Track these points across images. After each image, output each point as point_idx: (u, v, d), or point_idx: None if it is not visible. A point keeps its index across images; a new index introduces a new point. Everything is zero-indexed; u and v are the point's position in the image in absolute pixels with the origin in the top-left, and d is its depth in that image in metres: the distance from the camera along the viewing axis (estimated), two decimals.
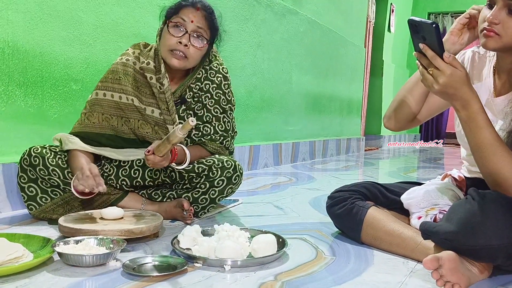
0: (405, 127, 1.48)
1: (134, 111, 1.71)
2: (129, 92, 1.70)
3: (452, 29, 1.33)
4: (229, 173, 1.70)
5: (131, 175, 1.71)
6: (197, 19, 1.63)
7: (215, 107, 1.77)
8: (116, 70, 1.72)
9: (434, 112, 1.49)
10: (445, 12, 8.44)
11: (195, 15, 1.63)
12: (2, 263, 1.10)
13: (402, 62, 8.11)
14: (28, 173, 1.62)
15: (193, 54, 1.65)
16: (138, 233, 1.38)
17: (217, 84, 1.78)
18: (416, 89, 1.41)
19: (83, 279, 1.11)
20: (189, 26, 1.63)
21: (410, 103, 1.43)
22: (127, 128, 1.72)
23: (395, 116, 1.47)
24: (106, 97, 1.70)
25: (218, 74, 1.78)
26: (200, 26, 1.63)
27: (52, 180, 1.62)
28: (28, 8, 1.84)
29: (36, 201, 1.63)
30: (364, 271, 1.25)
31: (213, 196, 1.72)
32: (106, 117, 1.70)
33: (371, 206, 1.46)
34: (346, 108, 5.36)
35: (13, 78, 1.81)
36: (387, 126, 1.50)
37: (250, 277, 1.17)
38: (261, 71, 3.51)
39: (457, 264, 1.11)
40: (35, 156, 1.60)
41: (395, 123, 1.48)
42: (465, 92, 1.14)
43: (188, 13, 1.63)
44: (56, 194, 1.64)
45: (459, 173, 1.52)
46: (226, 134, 1.79)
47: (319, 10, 4.43)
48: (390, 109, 1.49)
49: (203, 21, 1.64)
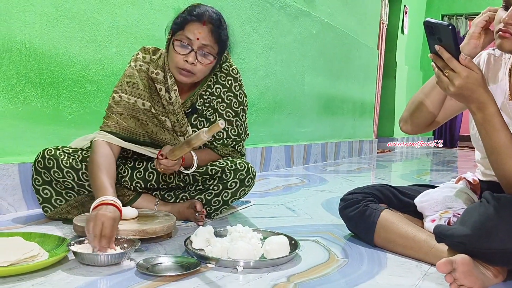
0: (422, 130, 1.47)
1: (151, 117, 1.68)
2: (145, 98, 1.66)
3: (472, 33, 1.32)
4: (242, 175, 1.70)
5: (146, 178, 1.72)
6: (203, 35, 1.55)
7: (227, 111, 1.74)
8: (133, 75, 1.67)
9: (450, 115, 1.48)
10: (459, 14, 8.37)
11: (201, 31, 1.54)
12: (18, 261, 1.11)
13: (415, 64, 8.06)
14: (43, 175, 1.63)
15: (200, 69, 1.59)
16: (152, 233, 1.39)
17: (228, 87, 1.74)
18: (434, 92, 1.40)
19: (98, 278, 1.12)
20: (195, 43, 1.55)
21: (428, 107, 1.41)
22: (143, 131, 1.70)
23: (412, 120, 1.45)
24: (123, 99, 1.66)
25: (229, 77, 1.75)
26: (206, 43, 1.56)
27: (67, 182, 1.63)
28: (45, 10, 1.87)
29: (51, 203, 1.64)
30: (377, 274, 1.25)
31: (226, 198, 1.73)
32: (124, 117, 1.66)
33: (384, 208, 1.46)
34: (358, 110, 5.34)
35: (29, 79, 1.84)
36: (404, 130, 1.49)
37: (263, 278, 1.18)
38: (274, 73, 3.51)
39: (471, 267, 1.11)
40: (49, 158, 1.61)
41: (412, 127, 1.46)
42: (481, 94, 1.13)
43: (193, 29, 1.55)
44: (70, 196, 1.65)
45: (474, 176, 1.51)
46: (238, 138, 1.78)
47: (332, 12, 4.42)
48: (406, 113, 1.47)
49: (209, 37, 1.56)
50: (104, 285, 1.09)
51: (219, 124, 1.26)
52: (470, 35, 1.32)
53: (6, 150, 1.79)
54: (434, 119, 1.44)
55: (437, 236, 1.25)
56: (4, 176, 1.74)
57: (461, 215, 1.26)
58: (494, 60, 1.41)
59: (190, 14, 1.57)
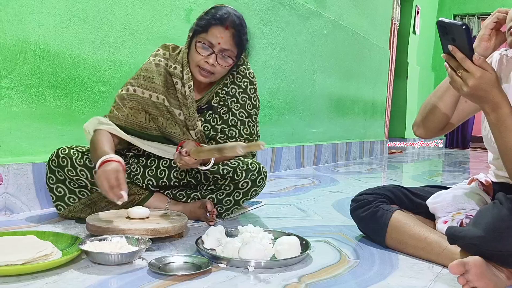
0: (437, 134, 1.45)
1: (164, 111, 1.70)
2: (160, 92, 1.68)
3: (482, 35, 1.31)
4: (254, 175, 1.71)
5: (157, 175, 1.73)
6: (224, 40, 1.60)
7: (240, 111, 1.77)
8: (150, 69, 1.70)
9: (464, 117, 1.46)
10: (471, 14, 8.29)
11: (223, 36, 1.59)
12: (32, 260, 1.13)
13: (427, 64, 8.00)
14: (56, 174, 1.65)
15: (219, 71, 1.65)
16: (164, 232, 1.40)
17: (243, 88, 1.78)
18: (447, 95, 1.38)
19: (110, 277, 1.13)
20: (216, 47, 1.60)
21: (441, 110, 1.40)
22: (154, 125, 1.72)
23: (426, 124, 1.44)
24: (136, 92, 1.69)
25: (245, 79, 1.79)
26: (227, 48, 1.61)
27: (80, 180, 1.65)
28: (59, 12, 1.89)
29: (65, 202, 1.67)
30: (389, 275, 1.24)
31: (237, 198, 1.73)
32: (135, 111, 1.70)
33: (396, 209, 1.45)
34: (369, 111, 5.32)
35: (43, 79, 1.86)
36: (418, 134, 1.48)
37: (274, 278, 1.18)
38: (285, 73, 3.51)
39: (484, 269, 1.10)
40: (63, 157, 1.63)
41: (426, 131, 1.45)
42: (495, 94, 1.12)
43: (216, 33, 1.59)
44: (83, 195, 1.67)
45: (486, 177, 1.49)
46: (250, 138, 1.79)
47: (343, 12, 4.41)
48: (419, 117, 1.45)
49: (230, 41, 1.61)
50: (116, 283, 1.10)
51: (260, 145, 1.25)
52: (480, 37, 1.31)
53: (20, 150, 1.81)
54: (447, 122, 1.43)
55: (449, 237, 1.24)
56: (18, 175, 1.77)
57: (474, 216, 1.25)
58: (506, 61, 1.39)
59: (213, 17, 1.61)
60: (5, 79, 1.74)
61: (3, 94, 1.74)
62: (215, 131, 1.75)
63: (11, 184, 1.75)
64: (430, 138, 1.47)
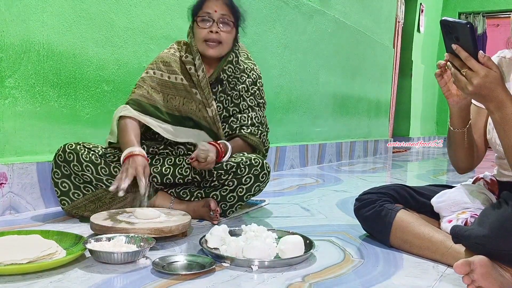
0: (478, 162, 1.43)
1: (181, 90, 1.81)
2: (178, 73, 1.82)
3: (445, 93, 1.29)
4: (257, 170, 1.72)
5: (162, 172, 1.74)
6: (219, 8, 1.78)
7: (250, 99, 1.91)
8: (167, 57, 1.85)
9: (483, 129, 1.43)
10: (476, 12, 8.26)
11: (217, 5, 1.77)
12: (36, 259, 1.13)
13: (431, 63, 7.97)
14: (62, 169, 1.67)
15: (225, 38, 1.79)
16: (167, 231, 1.40)
17: (253, 80, 1.93)
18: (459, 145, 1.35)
19: (114, 276, 1.14)
20: (214, 16, 1.77)
21: (463, 155, 1.38)
22: (172, 105, 1.81)
23: (461, 167, 1.43)
24: (156, 75, 1.82)
25: (253, 72, 1.95)
26: (224, 13, 1.78)
27: (85, 175, 1.66)
28: (62, 11, 1.89)
29: (69, 197, 1.68)
30: (393, 274, 1.24)
31: (241, 194, 1.74)
32: (154, 91, 1.81)
33: (400, 209, 1.44)
34: (374, 109, 5.31)
35: (47, 79, 1.86)
36: (462, 173, 1.47)
37: (278, 277, 1.18)
38: (288, 72, 3.51)
39: (489, 269, 1.09)
40: (69, 152, 1.66)
41: (464, 171, 1.44)
42: (499, 93, 1.11)
43: (211, 5, 1.77)
44: (88, 190, 1.69)
45: (491, 176, 1.48)
46: (261, 127, 1.90)
47: (347, 10, 4.39)
48: (452, 162, 1.45)
49: (225, 8, 1.79)
50: (121, 282, 1.10)
51: None
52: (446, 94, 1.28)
53: (24, 149, 1.82)
54: (476, 149, 1.40)
55: (454, 237, 1.24)
56: (23, 174, 1.77)
57: (479, 215, 1.25)
58: (505, 63, 1.39)
59: None
60: (9, 78, 1.74)
61: (8, 93, 1.74)
62: (228, 112, 1.86)
63: (15, 184, 1.75)
64: (473, 168, 1.45)
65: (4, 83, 1.73)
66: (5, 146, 1.75)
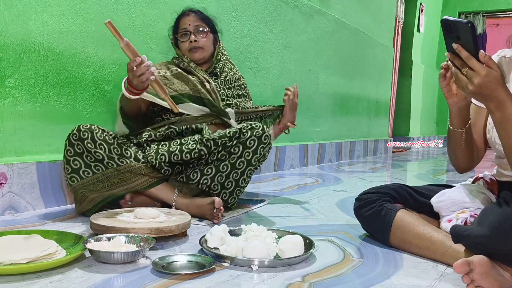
0: (478, 162, 1.44)
1: (178, 77, 2.03)
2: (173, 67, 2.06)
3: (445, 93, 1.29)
4: (258, 132, 1.81)
5: (169, 150, 1.78)
6: (192, 21, 2.08)
7: (244, 92, 2.26)
8: (158, 63, 2.09)
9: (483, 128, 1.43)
10: (476, 12, 8.26)
11: (189, 19, 2.09)
12: (36, 258, 1.13)
13: (431, 63, 7.98)
14: (75, 147, 1.69)
15: (204, 43, 2.09)
16: (167, 231, 1.41)
17: (238, 76, 2.24)
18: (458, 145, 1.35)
19: (114, 276, 1.14)
20: (190, 28, 2.08)
21: (463, 155, 1.38)
22: (170, 88, 1.97)
23: (460, 166, 1.43)
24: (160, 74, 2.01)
25: (238, 71, 2.26)
26: (197, 24, 2.08)
27: (98, 153, 1.69)
28: (62, 11, 1.89)
29: (79, 174, 1.70)
30: (393, 274, 1.24)
31: (248, 158, 1.80)
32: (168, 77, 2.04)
33: (400, 208, 1.45)
34: (373, 109, 5.31)
35: (47, 79, 1.86)
36: (462, 173, 1.48)
37: (277, 277, 1.18)
38: (288, 72, 3.51)
39: (488, 268, 1.09)
40: (84, 131, 1.69)
41: (464, 170, 1.45)
42: (500, 92, 1.11)
43: (184, 21, 2.09)
44: (98, 169, 1.71)
45: (491, 176, 1.49)
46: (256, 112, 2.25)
47: (347, 10, 4.39)
48: (452, 162, 1.45)
49: (196, 19, 2.09)
50: (120, 282, 1.10)
51: None
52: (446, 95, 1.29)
53: (24, 149, 1.82)
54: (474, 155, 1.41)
55: (454, 236, 1.24)
56: (23, 174, 1.77)
57: (479, 215, 1.25)
58: (505, 62, 1.39)
59: (178, 16, 2.15)
60: (10, 78, 1.74)
61: (8, 93, 1.74)
62: (226, 95, 2.12)
63: (15, 183, 1.75)
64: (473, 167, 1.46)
65: (4, 83, 1.73)
66: (5, 146, 1.75)
